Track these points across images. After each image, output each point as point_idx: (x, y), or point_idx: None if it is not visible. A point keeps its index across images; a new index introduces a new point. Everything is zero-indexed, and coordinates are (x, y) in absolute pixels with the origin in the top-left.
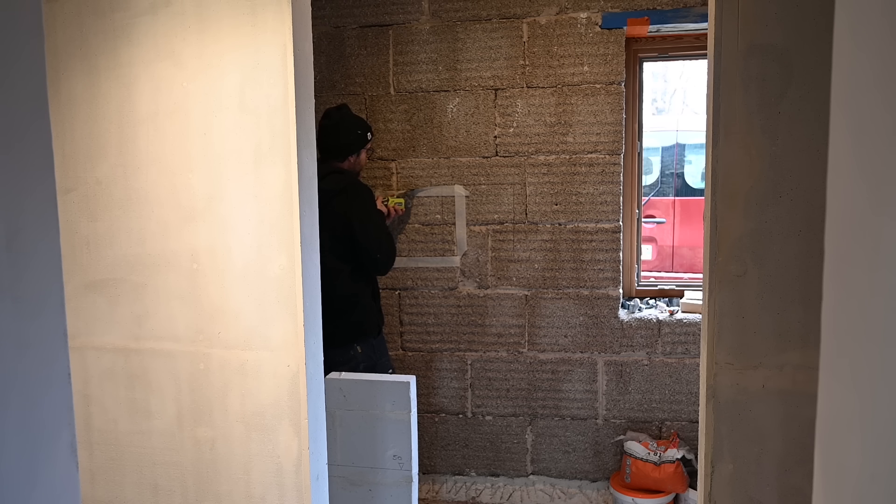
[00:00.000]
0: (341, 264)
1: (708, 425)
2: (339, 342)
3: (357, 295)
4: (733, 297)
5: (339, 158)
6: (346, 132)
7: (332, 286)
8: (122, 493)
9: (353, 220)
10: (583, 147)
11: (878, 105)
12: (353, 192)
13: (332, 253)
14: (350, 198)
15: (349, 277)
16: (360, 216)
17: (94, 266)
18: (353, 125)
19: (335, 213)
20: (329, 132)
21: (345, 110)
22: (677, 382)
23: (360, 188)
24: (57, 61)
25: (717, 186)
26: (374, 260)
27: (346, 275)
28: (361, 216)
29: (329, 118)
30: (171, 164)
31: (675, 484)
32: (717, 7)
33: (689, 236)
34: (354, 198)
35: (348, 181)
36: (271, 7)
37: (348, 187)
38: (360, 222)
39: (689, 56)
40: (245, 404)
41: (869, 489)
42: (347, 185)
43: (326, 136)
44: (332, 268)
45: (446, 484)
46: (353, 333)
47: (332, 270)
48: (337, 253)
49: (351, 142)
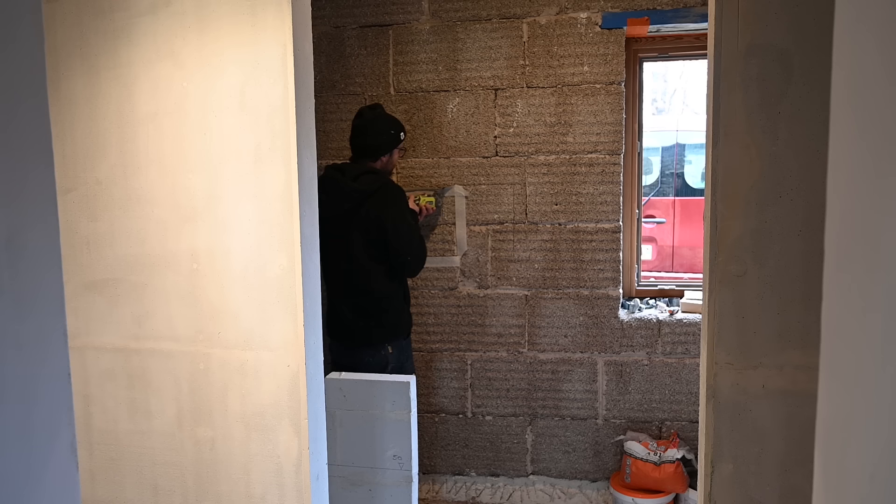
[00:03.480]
0: (375, 265)
1: (708, 425)
2: (372, 342)
3: (391, 296)
4: (733, 297)
5: (371, 158)
6: (378, 132)
7: (368, 286)
8: (122, 493)
9: (387, 222)
10: (583, 147)
11: (878, 105)
12: (386, 193)
13: (365, 253)
14: (384, 199)
15: (385, 277)
16: (393, 217)
17: (94, 266)
18: (385, 125)
19: (369, 214)
20: (361, 132)
21: (378, 110)
22: (677, 382)
23: (393, 189)
24: (57, 61)
25: (717, 186)
26: (405, 262)
27: (381, 275)
28: (395, 217)
29: (362, 117)
30: (171, 164)
31: (675, 484)
32: (717, 7)
33: (689, 236)
34: (388, 199)
35: (382, 182)
36: (271, 7)
37: (382, 188)
38: (392, 223)
39: (689, 56)
40: (245, 404)
41: (869, 489)
42: (381, 186)
43: (359, 136)
44: (366, 268)
45: (446, 484)
46: (386, 334)
47: (367, 270)
48: (370, 253)
49: (383, 143)
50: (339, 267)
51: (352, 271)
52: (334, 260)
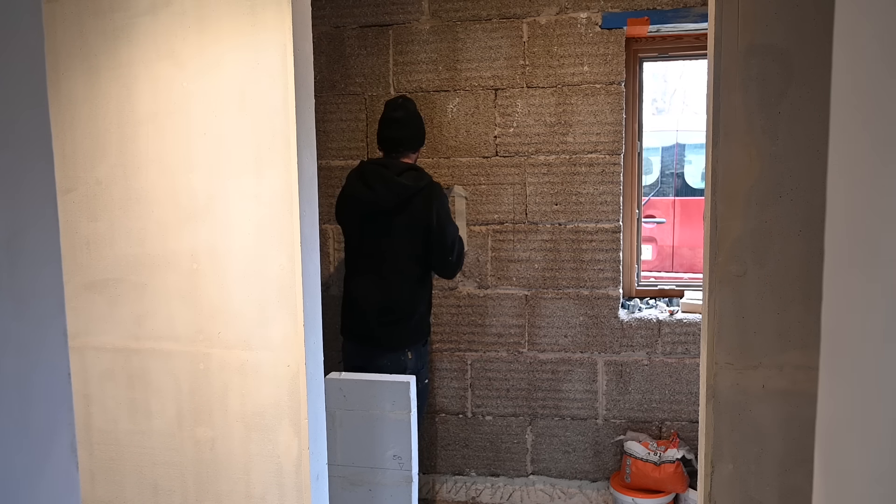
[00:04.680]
0: (412, 265)
1: (708, 425)
2: (393, 346)
3: (417, 301)
4: (733, 297)
5: (413, 150)
6: (419, 125)
7: (399, 288)
8: (122, 493)
9: (434, 221)
10: (583, 147)
11: (878, 104)
12: (433, 191)
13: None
14: (430, 196)
15: (416, 281)
16: (440, 216)
17: (94, 266)
18: (421, 118)
19: (417, 211)
20: (405, 124)
21: (412, 102)
22: (677, 382)
23: (439, 187)
24: (57, 61)
25: (717, 186)
26: (446, 262)
27: (414, 278)
28: (443, 216)
29: (405, 108)
30: (171, 164)
31: (675, 484)
32: (717, 7)
33: (689, 236)
34: (435, 196)
35: (428, 179)
36: (271, 7)
37: (430, 185)
38: (439, 222)
39: (689, 56)
40: (245, 404)
41: (869, 489)
42: (429, 184)
43: (402, 128)
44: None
45: (446, 484)
46: (407, 339)
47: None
48: (409, 252)
49: (421, 135)
50: (372, 265)
51: (385, 271)
52: (367, 257)
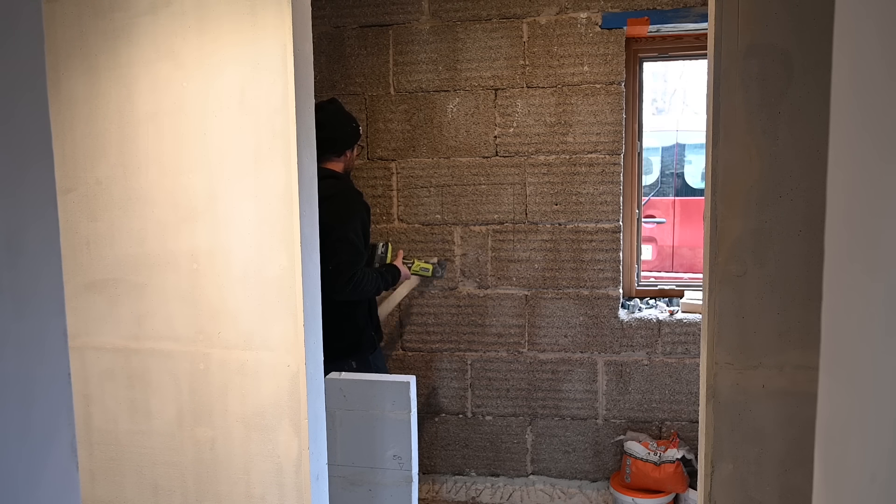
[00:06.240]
0: None
1: (708, 425)
2: (333, 356)
3: (343, 318)
4: (733, 297)
5: (336, 153)
6: (342, 124)
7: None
8: (122, 493)
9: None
10: (583, 147)
11: (878, 104)
12: (339, 202)
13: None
14: (340, 205)
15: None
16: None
17: (94, 266)
18: (347, 118)
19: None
20: (325, 125)
21: (337, 103)
22: (677, 382)
23: (354, 199)
24: (57, 61)
25: (717, 186)
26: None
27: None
28: (343, 228)
29: (323, 111)
30: (170, 164)
31: (675, 484)
32: (717, 7)
33: (689, 236)
34: (347, 206)
35: (342, 187)
36: (271, 7)
37: (338, 195)
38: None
39: (689, 56)
40: (245, 404)
41: (869, 489)
42: (340, 192)
43: (322, 129)
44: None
45: (446, 484)
46: (346, 349)
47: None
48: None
49: (349, 134)
50: None
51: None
52: None
